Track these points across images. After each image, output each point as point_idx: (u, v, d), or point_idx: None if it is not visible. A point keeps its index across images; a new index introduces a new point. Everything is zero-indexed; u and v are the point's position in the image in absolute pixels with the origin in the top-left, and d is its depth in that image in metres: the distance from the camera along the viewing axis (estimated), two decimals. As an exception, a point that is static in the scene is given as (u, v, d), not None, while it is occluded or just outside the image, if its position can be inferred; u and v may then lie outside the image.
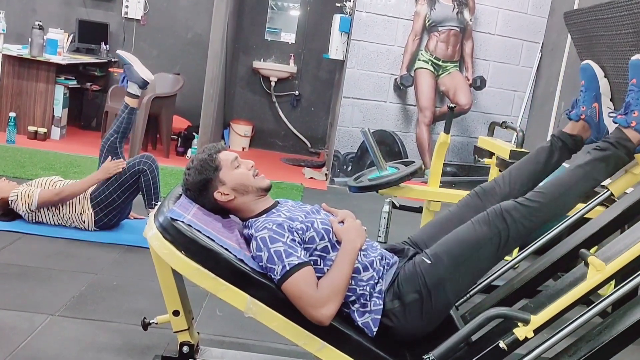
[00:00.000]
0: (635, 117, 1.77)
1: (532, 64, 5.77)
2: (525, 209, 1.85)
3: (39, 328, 2.33)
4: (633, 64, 1.74)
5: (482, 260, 1.86)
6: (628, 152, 1.83)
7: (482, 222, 1.86)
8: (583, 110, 1.96)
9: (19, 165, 4.69)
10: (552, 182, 1.90)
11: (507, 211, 1.85)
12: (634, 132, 1.79)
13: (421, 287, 1.83)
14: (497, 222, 1.84)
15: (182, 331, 2.07)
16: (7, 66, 5.83)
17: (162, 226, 1.78)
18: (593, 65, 1.97)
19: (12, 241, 3.19)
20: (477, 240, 1.85)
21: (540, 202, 1.85)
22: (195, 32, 6.89)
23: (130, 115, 3.60)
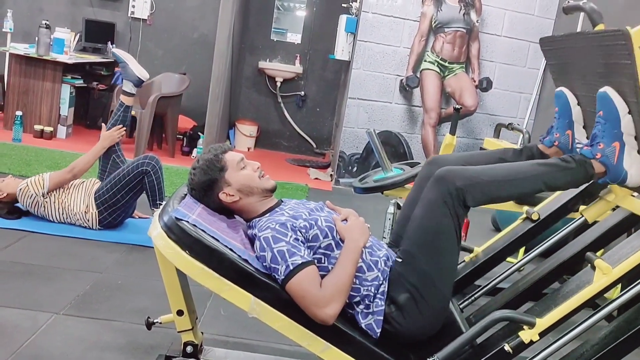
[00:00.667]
0: (600, 149, 1.77)
1: (538, 66, 5.75)
2: (463, 172, 1.79)
3: (43, 326, 2.33)
4: (600, 96, 1.74)
5: (448, 236, 1.81)
6: (586, 176, 1.81)
7: (428, 194, 1.82)
8: (556, 137, 1.96)
9: (25, 164, 4.70)
10: (503, 165, 1.86)
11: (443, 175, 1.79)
12: (598, 163, 1.79)
13: (408, 285, 1.82)
14: (441, 193, 1.79)
15: (186, 331, 2.07)
16: (14, 65, 5.84)
17: (167, 226, 1.77)
18: (567, 92, 1.98)
19: (17, 239, 3.20)
20: (431, 216, 1.80)
21: (481, 177, 1.79)
22: (202, 32, 6.89)
23: (125, 113, 3.64)
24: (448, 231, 1.79)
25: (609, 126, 1.73)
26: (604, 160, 1.76)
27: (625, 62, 1.59)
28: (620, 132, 1.70)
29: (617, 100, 1.70)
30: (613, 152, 1.74)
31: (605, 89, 1.71)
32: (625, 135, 1.71)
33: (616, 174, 1.75)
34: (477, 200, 1.79)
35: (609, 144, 1.74)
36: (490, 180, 1.79)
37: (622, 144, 1.72)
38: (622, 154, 1.73)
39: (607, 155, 1.74)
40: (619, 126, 1.70)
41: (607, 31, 1.69)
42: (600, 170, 1.79)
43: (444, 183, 1.78)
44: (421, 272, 1.81)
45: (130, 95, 3.63)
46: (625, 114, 1.68)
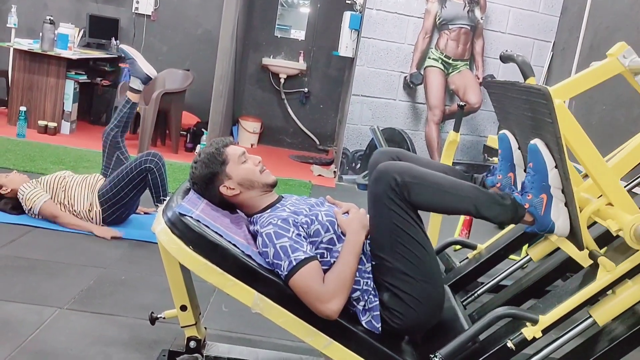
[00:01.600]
0: (529, 200, 1.79)
1: (543, 63, 5.74)
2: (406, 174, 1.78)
3: (47, 321, 2.34)
4: (530, 148, 1.77)
5: (405, 230, 1.79)
6: (514, 218, 1.82)
7: (375, 197, 1.81)
8: (499, 179, 1.99)
9: (29, 159, 4.71)
10: (445, 176, 1.86)
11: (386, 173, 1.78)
12: (527, 213, 1.81)
13: (388, 285, 1.82)
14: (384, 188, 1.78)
15: (190, 326, 2.07)
16: (18, 60, 5.85)
17: (171, 221, 1.78)
18: (509, 135, 2.01)
19: (22, 234, 3.21)
20: (383, 216, 1.80)
21: (423, 177, 1.79)
22: (205, 28, 6.89)
23: (131, 109, 3.64)
24: (402, 224, 1.79)
25: (537, 178, 1.77)
26: (532, 210, 1.79)
27: (548, 120, 1.63)
28: (547, 184, 1.74)
29: (545, 153, 1.73)
30: (540, 204, 1.77)
31: (535, 141, 1.76)
32: (553, 188, 1.75)
33: (543, 224, 1.79)
34: (414, 199, 1.78)
35: (537, 195, 1.77)
36: (430, 184, 1.79)
37: (549, 196, 1.76)
38: (549, 206, 1.77)
39: (535, 206, 1.78)
40: (547, 179, 1.74)
41: (532, 87, 1.74)
42: (528, 220, 1.82)
43: (385, 177, 1.78)
44: (392, 271, 1.81)
45: (137, 92, 3.63)
46: (552, 167, 1.73)
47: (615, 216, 1.70)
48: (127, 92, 3.64)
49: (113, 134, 3.61)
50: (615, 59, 2.17)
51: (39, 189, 3.41)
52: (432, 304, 1.84)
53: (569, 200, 1.74)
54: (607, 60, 2.19)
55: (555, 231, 1.78)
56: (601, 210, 1.79)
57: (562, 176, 1.72)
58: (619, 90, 4.32)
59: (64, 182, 3.48)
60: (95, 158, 5.08)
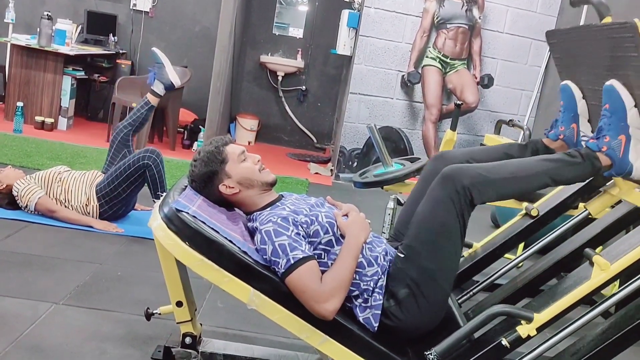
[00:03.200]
0: (606, 142, 1.77)
1: (540, 63, 5.75)
2: (471, 170, 1.79)
3: (43, 316, 2.34)
4: (607, 89, 1.74)
5: (452, 234, 1.81)
6: (593, 170, 1.81)
7: (434, 191, 1.82)
8: (562, 131, 1.96)
9: (25, 155, 4.71)
10: (511, 161, 1.86)
11: (454, 177, 1.79)
12: (604, 156, 1.79)
13: (408, 281, 1.82)
14: (445, 186, 1.79)
15: (185, 322, 2.07)
16: (15, 56, 5.84)
17: (167, 217, 1.78)
18: (572, 86, 1.97)
19: (18, 229, 3.20)
20: (436, 212, 1.81)
21: (489, 175, 1.79)
22: (203, 25, 6.89)
23: (148, 112, 3.67)
24: (452, 230, 1.80)
25: (615, 119, 1.73)
26: (610, 153, 1.76)
27: (632, 54, 1.60)
28: (626, 125, 1.71)
29: (624, 93, 1.70)
30: (619, 145, 1.74)
31: (612, 82, 1.71)
32: (632, 129, 1.71)
33: (622, 167, 1.76)
34: (484, 198, 1.79)
35: (615, 137, 1.74)
36: (498, 177, 1.79)
37: (628, 137, 1.73)
38: (627, 147, 1.73)
39: (613, 148, 1.75)
40: (625, 119, 1.70)
41: (615, 23, 1.69)
42: (606, 163, 1.79)
43: (451, 181, 1.78)
44: (422, 269, 1.81)
45: (157, 96, 3.66)
46: (632, 107, 1.69)
47: None
48: (148, 94, 3.66)
49: (125, 132, 3.62)
50: None
51: (33, 185, 3.40)
52: (438, 313, 1.86)
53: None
54: None
55: (633, 174, 1.75)
56: None
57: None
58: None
59: (60, 176, 3.48)
60: (92, 154, 5.08)
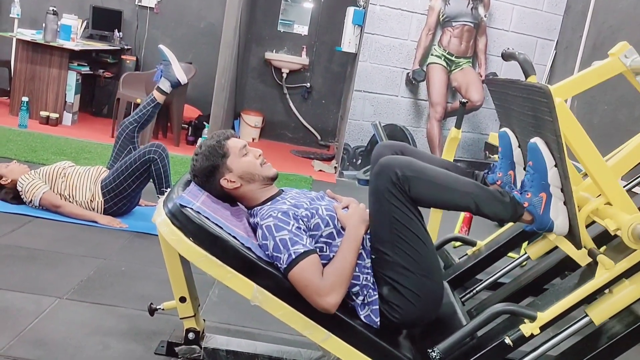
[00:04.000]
0: (527, 199, 1.80)
1: (546, 62, 5.73)
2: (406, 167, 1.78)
3: (47, 311, 2.35)
4: (530, 146, 1.77)
5: (406, 223, 1.79)
6: (514, 216, 1.83)
7: (376, 191, 1.81)
8: (499, 177, 2.00)
9: (30, 150, 4.72)
10: (447, 172, 1.86)
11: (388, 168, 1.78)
12: (526, 212, 1.81)
13: (387, 279, 1.82)
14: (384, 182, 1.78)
15: (188, 318, 2.08)
16: (20, 51, 5.85)
17: (171, 212, 1.78)
18: (509, 133, 2.01)
19: (22, 224, 3.21)
20: (384, 211, 1.80)
21: (423, 172, 1.79)
22: (208, 21, 6.89)
23: (154, 109, 3.67)
24: (402, 217, 1.78)
25: (537, 177, 1.77)
26: (531, 209, 1.80)
27: (548, 118, 1.64)
28: (547, 183, 1.75)
29: (545, 152, 1.74)
30: (540, 202, 1.78)
31: (535, 140, 1.76)
32: (552, 187, 1.75)
33: (542, 223, 1.80)
34: (414, 193, 1.77)
35: (537, 194, 1.78)
36: (431, 179, 1.79)
37: (548, 195, 1.77)
38: (548, 205, 1.77)
39: (534, 204, 1.79)
40: (547, 178, 1.74)
41: (534, 86, 1.74)
42: (527, 218, 1.83)
43: (387, 171, 1.78)
44: (392, 264, 1.81)
45: (164, 93, 3.66)
46: (552, 166, 1.74)
47: (614, 215, 1.71)
48: (154, 91, 3.66)
49: (131, 128, 3.62)
50: (616, 59, 2.17)
51: (37, 180, 3.41)
52: (431, 298, 1.84)
53: (567, 199, 1.74)
54: (609, 59, 2.19)
55: (554, 230, 1.79)
56: (600, 209, 1.80)
57: (562, 175, 1.72)
58: (621, 90, 4.32)
59: (64, 172, 3.49)
60: (96, 150, 5.09)
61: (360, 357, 1.79)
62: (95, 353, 2.10)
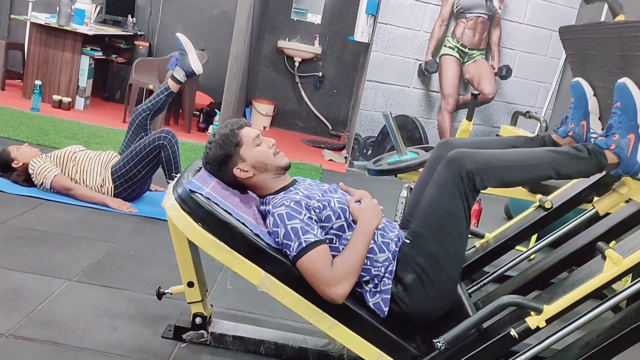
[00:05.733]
0: (615, 140, 1.76)
1: (559, 55, 5.68)
2: (475, 155, 1.79)
3: (56, 292, 2.37)
4: (618, 87, 1.73)
5: (458, 220, 1.81)
6: (599, 166, 1.80)
7: (440, 176, 1.82)
8: (571, 128, 1.95)
9: (42, 133, 4.75)
10: (517, 150, 1.85)
11: (458, 162, 1.78)
12: (612, 154, 1.78)
13: (415, 266, 1.83)
14: (452, 176, 1.79)
15: (196, 302, 2.10)
16: (34, 34, 5.87)
17: (181, 197, 1.80)
18: (583, 83, 1.96)
19: (34, 206, 3.24)
20: (443, 201, 1.81)
21: (493, 161, 1.78)
22: (222, 9, 6.88)
23: (167, 97, 3.67)
24: (457, 214, 1.80)
25: (625, 118, 1.72)
26: (618, 151, 1.75)
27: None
28: (636, 124, 1.70)
29: (635, 92, 1.69)
30: (628, 144, 1.73)
31: (624, 80, 1.70)
32: None
33: (629, 166, 1.75)
34: (487, 184, 1.79)
35: (625, 135, 1.73)
36: (502, 164, 1.79)
37: (637, 136, 1.72)
38: (636, 147, 1.73)
39: (622, 146, 1.74)
40: (636, 118, 1.69)
41: (627, 22, 1.68)
42: (613, 162, 1.79)
43: (455, 165, 1.78)
44: (428, 254, 1.82)
45: (178, 82, 3.66)
46: None
47: None
48: (168, 80, 3.66)
49: (144, 115, 3.63)
50: None
51: (49, 164, 3.43)
52: (447, 298, 1.86)
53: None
54: None
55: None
56: None
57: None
58: None
59: (75, 156, 3.51)
60: (108, 135, 5.11)
61: (366, 345, 1.81)
62: (104, 335, 2.13)
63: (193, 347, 2.13)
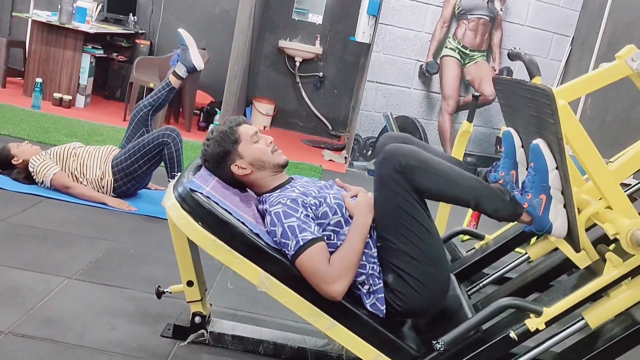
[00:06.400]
0: (528, 199, 1.79)
1: (561, 58, 5.69)
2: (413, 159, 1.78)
3: (56, 290, 2.37)
4: (532, 148, 1.76)
5: (410, 212, 1.79)
6: (513, 215, 1.82)
7: (380, 179, 1.82)
8: (502, 176, 1.99)
9: (43, 131, 4.75)
10: (451, 166, 1.85)
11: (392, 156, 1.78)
12: (525, 213, 1.81)
13: (392, 267, 1.83)
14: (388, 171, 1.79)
15: (195, 302, 2.10)
16: (36, 32, 5.87)
17: (181, 196, 1.80)
18: (513, 133, 2.00)
19: (34, 204, 3.24)
20: (387, 199, 1.80)
21: (429, 164, 1.79)
22: (223, 7, 6.88)
23: (169, 93, 3.68)
24: (405, 206, 1.79)
25: (538, 178, 1.76)
26: (531, 210, 1.79)
27: (550, 120, 1.63)
28: (547, 185, 1.74)
29: (547, 154, 1.73)
30: (539, 204, 1.77)
31: (538, 141, 1.75)
32: (552, 189, 1.75)
33: (541, 225, 1.79)
34: (420, 183, 1.78)
35: (537, 195, 1.77)
36: (434, 171, 1.79)
37: (548, 197, 1.76)
38: (548, 206, 1.77)
39: (534, 206, 1.78)
40: (547, 179, 1.73)
41: (538, 87, 1.73)
42: (526, 219, 1.82)
43: (391, 159, 1.78)
44: (397, 252, 1.82)
45: (179, 78, 3.66)
46: (554, 168, 1.73)
47: (614, 220, 1.70)
48: (170, 76, 3.67)
49: (145, 111, 3.64)
50: (623, 62, 2.15)
51: (49, 161, 3.43)
52: (437, 287, 1.85)
53: (567, 202, 1.74)
54: (615, 62, 2.17)
55: (552, 232, 1.79)
56: (600, 212, 1.79)
57: (562, 177, 1.72)
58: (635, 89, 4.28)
59: (75, 151, 3.51)
60: (108, 133, 5.11)
61: (365, 346, 1.81)
62: (103, 333, 2.13)
63: (192, 346, 2.13)
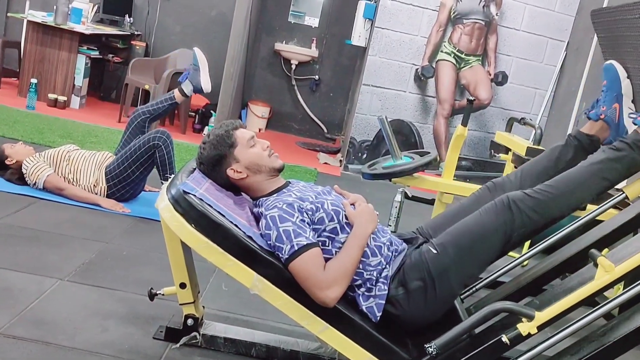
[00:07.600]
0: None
1: (555, 62, 5.71)
2: (532, 200, 1.84)
3: (48, 291, 2.36)
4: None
5: (487, 251, 1.85)
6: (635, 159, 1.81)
7: (489, 212, 1.86)
8: (603, 110, 1.92)
9: (37, 132, 4.73)
10: (563, 177, 1.87)
11: (514, 201, 1.84)
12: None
13: (426, 275, 1.83)
14: (503, 212, 1.84)
15: (188, 304, 2.09)
16: (31, 32, 5.86)
17: (174, 198, 1.79)
18: (616, 65, 1.94)
19: (27, 205, 3.23)
20: (483, 230, 1.84)
21: (548, 195, 1.83)
22: (220, 10, 6.88)
23: (170, 106, 3.73)
24: (493, 243, 1.84)
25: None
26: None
27: None
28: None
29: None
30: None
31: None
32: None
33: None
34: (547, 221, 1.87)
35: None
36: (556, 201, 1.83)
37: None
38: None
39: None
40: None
41: None
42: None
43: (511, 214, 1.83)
44: (444, 267, 1.83)
45: (185, 96, 3.71)
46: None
47: None
48: (175, 91, 3.70)
49: (143, 118, 3.65)
50: None
51: (42, 163, 3.42)
52: (440, 310, 1.88)
53: None
54: None
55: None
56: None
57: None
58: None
59: (69, 155, 3.50)
60: (103, 134, 5.10)
61: (357, 349, 1.80)
62: (94, 335, 2.12)
63: (184, 348, 2.12)
